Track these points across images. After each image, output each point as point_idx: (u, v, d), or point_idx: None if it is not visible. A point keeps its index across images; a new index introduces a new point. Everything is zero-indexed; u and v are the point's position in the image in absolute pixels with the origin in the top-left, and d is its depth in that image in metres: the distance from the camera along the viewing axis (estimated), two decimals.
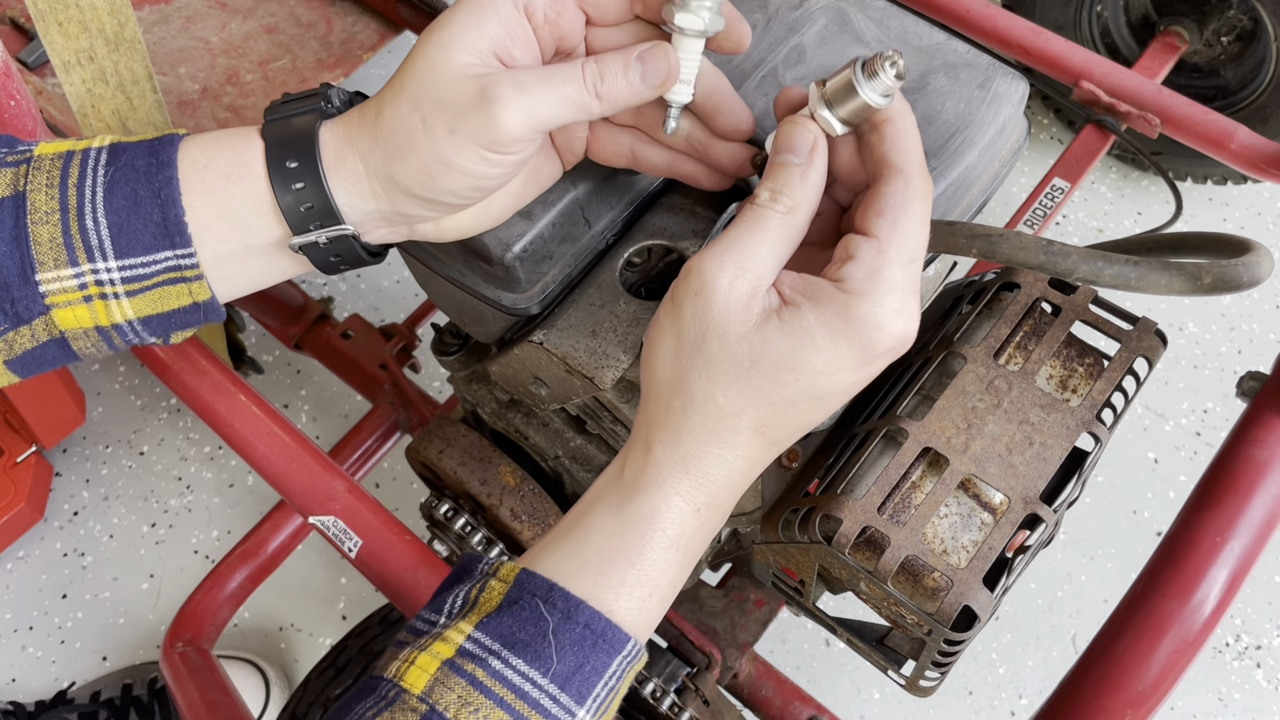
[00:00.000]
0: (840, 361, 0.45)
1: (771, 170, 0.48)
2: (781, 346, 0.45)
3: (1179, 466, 1.47)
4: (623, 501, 0.48)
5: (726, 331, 0.45)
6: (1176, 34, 1.40)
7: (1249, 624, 1.37)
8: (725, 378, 0.46)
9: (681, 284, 0.47)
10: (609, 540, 0.47)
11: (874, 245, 0.45)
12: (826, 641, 1.36)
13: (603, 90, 0.48)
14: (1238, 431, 0.64)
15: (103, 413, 1.52)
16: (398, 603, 0.73)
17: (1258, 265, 0.49)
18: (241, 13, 1.33)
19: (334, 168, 0.50)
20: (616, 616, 0.46)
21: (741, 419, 0.46)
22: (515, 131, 0.47)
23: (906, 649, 0.65)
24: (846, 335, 0.45)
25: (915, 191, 0.46)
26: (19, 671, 1.35)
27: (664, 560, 0.47)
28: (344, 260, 0.53)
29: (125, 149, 0.49)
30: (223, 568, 1.11)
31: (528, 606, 0.45)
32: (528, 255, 0.58)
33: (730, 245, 0.46)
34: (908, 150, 0.47)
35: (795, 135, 0.47)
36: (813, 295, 0.45)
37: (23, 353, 0.50)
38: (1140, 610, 0.59)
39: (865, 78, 0.45)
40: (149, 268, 0.49)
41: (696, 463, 0.47)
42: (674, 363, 0.47)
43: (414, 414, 1.23)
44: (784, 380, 0.45)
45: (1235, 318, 1.59)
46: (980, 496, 0.56)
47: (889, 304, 0.45)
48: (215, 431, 0.81)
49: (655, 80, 0.49)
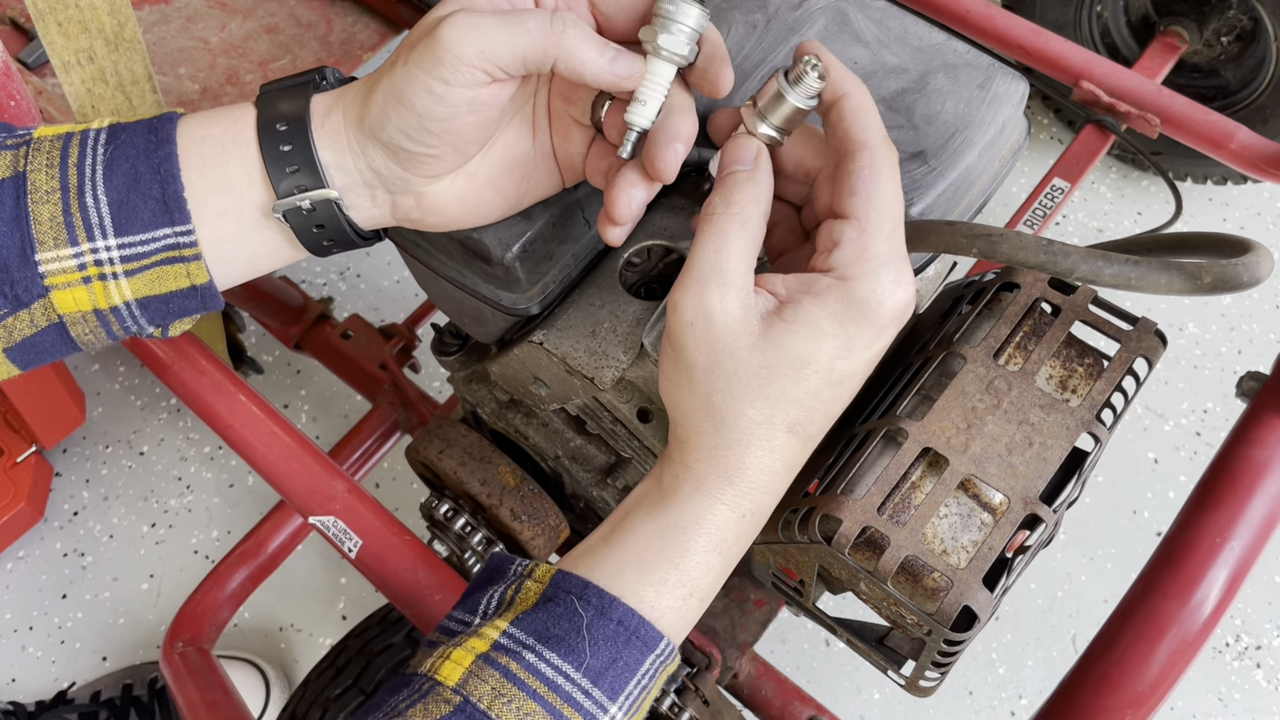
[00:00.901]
0: (852, 343, 0.46)
1: (721, 182, 0.48)
2: (793, 345, 0.46)
3: (1179, 466, 1.47)
4: (665, 506, 0.48)
5: (736, 348, 0.46)
6: (1176, 34, 1.40)
7: (1249, 624, 1.37)
8: (749, 390, 0.46)
9: (674, 320, 0.47)
10: (651, 541, 0.48)
11: (855, 226, 0.46)
12: (826, 641, 1.36)
13: (566, 41, 0.47)
14: (1237, 431, 0.64)
15: (103, 413, 1.52)
16: (398, 603, 0.73)
17: (1258, 265, 0.49)
18: (241, 13, 1.33)
19: (320, 124, 0.50)
20: (655, 614, 0.47)
21: (774, 424, 0.47)
22: (458, 53, 0.45)
23: (906, 649, 0.65)
24: (853, 318, 0.45)
25: (882, 162, 0.47)
26: (19, 671, 1.34)
27: (707, 562, 0.48)
28: (330, 235, 0.53)
29: (124, 128, 0.50)
30: (223, 568, 1.11)
31: (563, 603, 0.46)
32: (528, 255, 0.58)
33: (703, 267, 0.46)
34: (867, 123, 0.47)
35: (738, 148, 0.48)
36: (809, 289, 0.46)
37: (22, 340, 0.50)
38: (1140, 610, 0.59)
39: (791, 84, 0.47)
40: (148, 245, 0.49)
41: (739, 473, 0.47)
42: (692, 393, 0.47)
43: (414, 414, 1.23)
44: (804, 375, 0.46)
45: (1235, 318, 1.59)
46: (980, 497, 0.56)
47: (885, 278, 0.46)
48: (215, 431, 0.81)
49: (622, 69, 0.48)
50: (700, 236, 0.47)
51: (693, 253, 0.47)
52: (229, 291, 1.23)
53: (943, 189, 0.58)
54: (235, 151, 0.50)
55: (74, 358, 1.53)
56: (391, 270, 1.62)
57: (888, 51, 0.62)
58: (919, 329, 0.68)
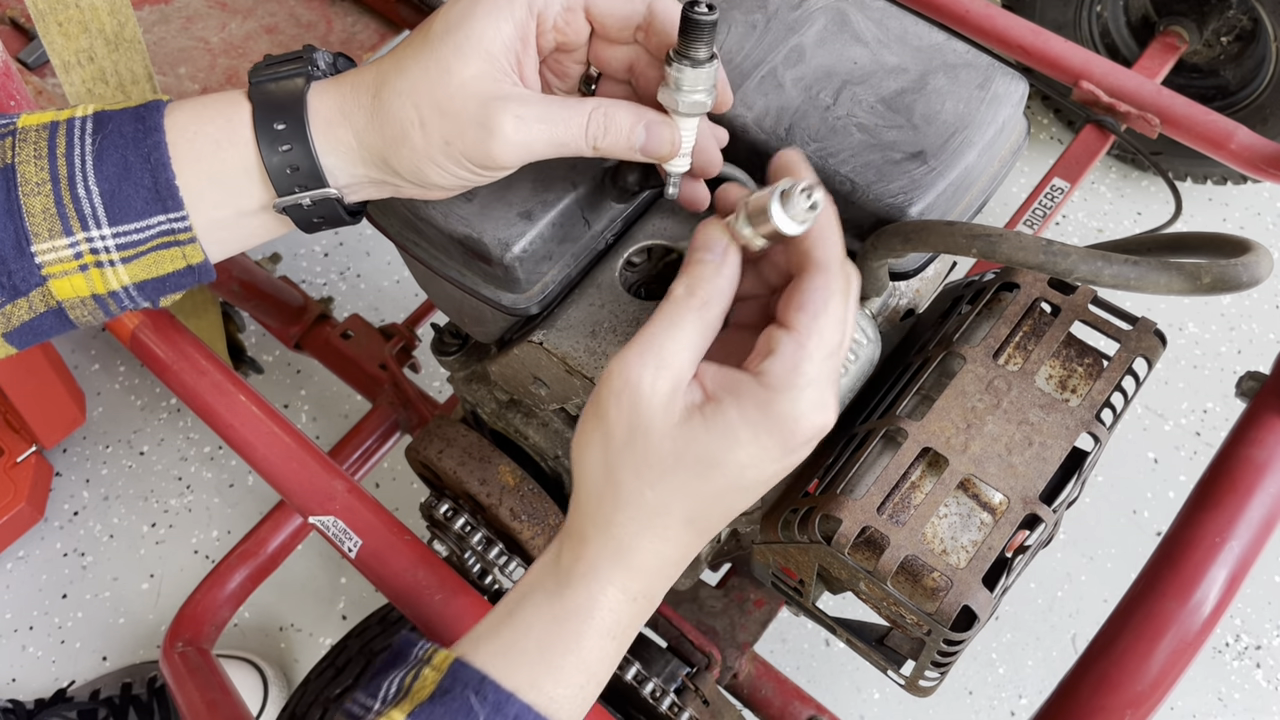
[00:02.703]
0: (763, 454, 0.46)
1: (688, 267, 0.48)
2: (705, 443, 0.45)
3: (1179, 466, 1.47)
4: (559, 591, 0.48)
5: (651, 430, 0.46)
6: (1176, 34, 1.40)
7: (1249, 624, 1.37)
8: (652, 474, 0.46)
9: (604, 385, 0.47)
10: (547, 629, 0.48)
11: (794, 339, 0.46)
12: (826, 641, 1.36)
13: (602, 144, 0.50)
14: (1237, 431, 0.64)
15: (103, 413, 1.52)
16: (398, 603, 0.73)
17: (1257, 265, 0.49)
18: (241, 13, 1.33)
19: (322, 133, 0.50)
20: (554, 706, 0.47)
21: (671, 513, 0.47)
22: (506, 161, 0.49)
23: (906, 649, 0.65)
24: (768, 430, 0.45)
25: (836, 287, 0.46)
26: (19, 671, 1.35)
27: (602, 648, 0.48)
28: (326, 221, 0.54)
29: (110, 117, 0.50)
30: (223, 568, 1.11)
31: (458, 698, 0.46)
32: (528, 255, 0.58)
33: (649, 344, 0.46)
34: (829, 244, 0.47)
35: (711, 237, 0.48)
36: (734, 390, 0.46)
37: (20, 325, 0.50)
38: (1140, 610, 0.59)
39: (782, 204, 0.46)
40: (143, 233, 0.49)
41: (630, 554, 0.48)
42: (603, 460, 0.47)
43: (414, 414, 1.23)
44: (710, 475, 0.46)
45: (1235, 318, 1.59)
46: (980, 496, 0.56)
47: (807, 398, 0.45)
48: (215, 431, 0.81)
49: (656, 152, 0.51)
50: (659, 313, 0.47)
51: (646, 325, 0.47)
52: (229, 292, 1.24)
53: (942, 189, 0.58)
54: (232, 150, 0.50)
55: (74, 358, 1.54)
56: (391, 270, 1.62)
57: (888, 51, 0.62)
58: (919, 329, 0.68)
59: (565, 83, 0.54)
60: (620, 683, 0.82)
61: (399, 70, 0.49)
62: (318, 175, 0.50)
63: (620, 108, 0.50)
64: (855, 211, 0.59)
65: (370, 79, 0.50)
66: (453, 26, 0.48)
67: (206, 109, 0.50)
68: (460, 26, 0.48)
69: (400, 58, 0.49)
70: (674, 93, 0.50)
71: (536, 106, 0.48)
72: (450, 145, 0.48)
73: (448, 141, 0.48)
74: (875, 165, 0.58)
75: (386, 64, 0.50)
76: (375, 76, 0.50)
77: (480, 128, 0.48)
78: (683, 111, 0.51)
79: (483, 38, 0.48)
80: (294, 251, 1.63)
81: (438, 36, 0.48)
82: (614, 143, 0.50)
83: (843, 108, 0.60)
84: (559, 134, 0.49)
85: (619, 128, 0.50)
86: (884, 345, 0.63)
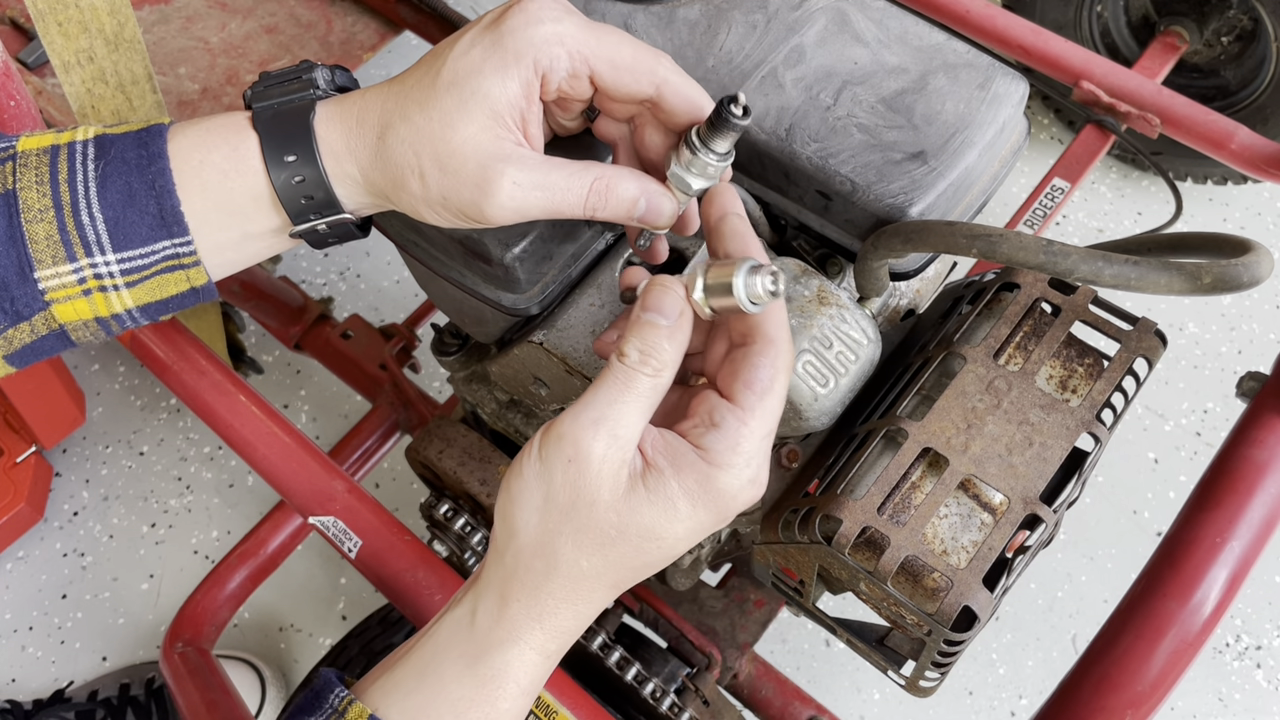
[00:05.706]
0: (697, 526, 0.47)
1: (640, 328, 0.47)
2: (647, 516, 0.46)
3: (1179, 466, 1.47)
4: (478, 655, 0.48)
5: (597, 501, 0.45)
6: (1176, 34, 1.40)
7: (1249, 624, 1.37)
8: (591, 544, 0.46)
9: (554, 447, 0.46)
10: (464, 692, 0.48)
11: (738, 416, 0.46)
12: (826, 641, 1.36)
13: (601, 214, 0.50)
14: (1238, 432, 0.64)
15: (103, 413, 1.52)
16: (397, 603, 0.73)
17: (1258, 265, 0.49)
18: (241, 13, 1.33)
19: (332, 167, 0.50)
20: None
21: (602, 580, 0.47)
22: (501, 222, 0.49)
23: (906, 649, 0.65)
24: (705, 504, 0.46)
25: (783, 365, 0.47)
26: (19, 671, 1.34)
27: (516, 707, 0.49)
28: (339, 239, 0.54)
29: (112, 142, 0.49)
30: (222, 568, 1.11)
31: None
32: (528, 255, 0.58)
33: (603, 412, 0.45)
34: (779, 320, 0.47)
35: (665, 300, 0.47)
36: (675, 461, 0.46)
37: (21, 347, 0.50)
38: (1140, 610, 0.59)
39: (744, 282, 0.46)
40: (148, 258, 0.49)
41: (552, 617, 0.48)
42: (540, 523, 0.47)
43: (414, 414, 1.23)
44: (648, 548, 0.47)
45: (1235, 318, 1.59)
46: (980, 497, 0.56)
47: (745, 475, 0.46)
48: (215, 431, 0.81)
49: (653, 224, 0.51)
50: (612, 378, 0.46)
51: (596, 388, 0.46)
52: (229, 293, 1.24)
53: (943, 189, 0.58)
54: (239, 179, 0.50)
55: (74, 358, 1.54)
56: (391, 270, 1.62)
57: (888, 51, 0.62)
58: (919, 329, 0.68)
59: (568, 115, 0.54)
60: (620, 683, 0.82)
61: (403, 116, 0.48)
62: (334, 204, 0.51)
63: (622, 178, 0.50)
64: (855, 211, 0.59)
65: (375, 118, 0.49)
66: (460, 79, 0.47)
67: (210, 135, 0.50)
68: (467, 81, 0.47)
69: (405, 101, 0.48)
70: (684, 174, 0.50)
71: (535, 172, 0.48)
72: (447, 200, 0.49)
73: (445, 196, 0.49)
74: (875, 165, 0.58)
75: (391, 104, 0.49)
76: (380, 116, 0.49)
77: (476, 189, 0.48)
78: (690, 194, 0.51)
79: (488, 95, 0.47)
80: (294, 252, 1.63)
81: (444, 87, 0.48)
82: (613, 213, 0.50)
83: (843, 108, 0.60)
84: (556, 202, 0.49)
85: (619, 200, 0.50)
86: (884, 345, 0.63)
